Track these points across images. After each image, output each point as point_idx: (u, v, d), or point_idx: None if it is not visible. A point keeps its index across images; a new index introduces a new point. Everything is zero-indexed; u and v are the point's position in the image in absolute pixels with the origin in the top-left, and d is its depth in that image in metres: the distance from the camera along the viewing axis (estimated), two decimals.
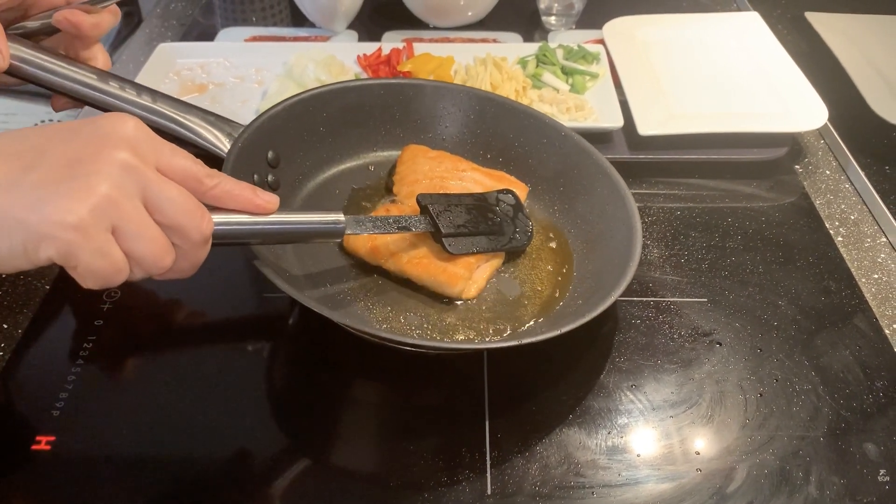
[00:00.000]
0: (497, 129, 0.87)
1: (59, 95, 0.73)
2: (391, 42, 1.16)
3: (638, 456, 0.65)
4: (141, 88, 0.74)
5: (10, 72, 0.70)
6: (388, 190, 0.86)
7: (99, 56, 0.75)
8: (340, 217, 0.64)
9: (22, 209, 0.45)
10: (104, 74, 0.73)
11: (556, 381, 0.71)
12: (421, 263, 0.73)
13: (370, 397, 0.70)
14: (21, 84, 0.73)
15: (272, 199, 0.57)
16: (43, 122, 1.60)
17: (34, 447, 0.65)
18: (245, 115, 1.00)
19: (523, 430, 0.67)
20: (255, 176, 0.75)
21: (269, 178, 0.78)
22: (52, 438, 0.65)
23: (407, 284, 0.76)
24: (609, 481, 0.63)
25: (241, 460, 0.65)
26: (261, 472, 0.64)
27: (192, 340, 0.76)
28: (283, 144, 0.80)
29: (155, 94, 0.74)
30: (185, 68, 1.09)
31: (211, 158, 0.66)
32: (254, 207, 0.56)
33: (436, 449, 0.65)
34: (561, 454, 0.65)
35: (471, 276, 0.74)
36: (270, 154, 0.78)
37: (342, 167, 0.87)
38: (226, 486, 0.63)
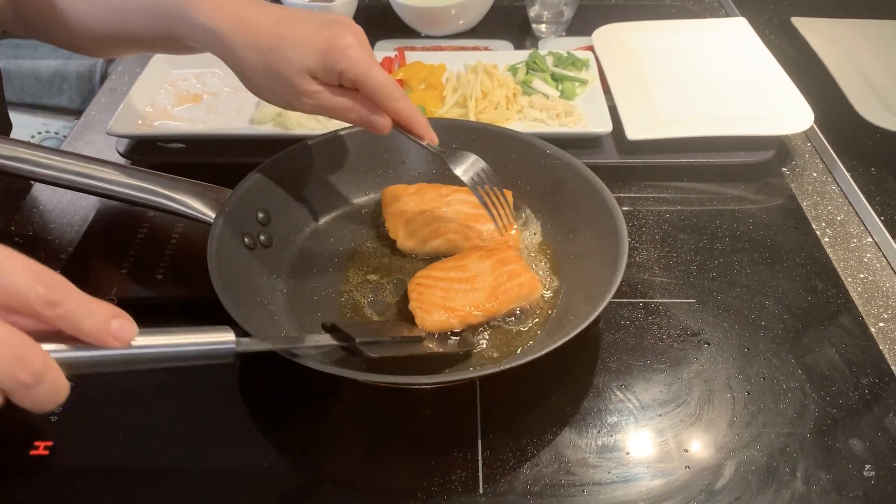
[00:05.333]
0: (483, 156, 0.87)
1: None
2: (383, 51, 1.17)
3: (628, 454, 0.66)
4: (130, 171, 0.77)
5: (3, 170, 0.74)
6: (383, 234, 0.85)
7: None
8: (229, 336, 0.53)
9: None
10: (93, 161, 0.76)
11: (546, 381, 0.72)
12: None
13: (361, 401, 0.71)
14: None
15: (126, 329, 0.46)
16: (39, 133, 1.61)
17: (32, 452, 0.66)
18: (240, 123, 1.02)
19: (514, 430, 0.68)
20: (246, 238, 0.76)
21: (262, 237, 0.79)
22: (50, 444, 0.66)
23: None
24: (599, 479, 0.64)
25: (233, 468, 0.66)
26: (255, 478, 0.65)
27: None
28: (272, 202, 0.81)
29: (144, 173, 0.77)
30: (180, 79, 1.10)
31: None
32: (98, 342, 0.45)
33: (428, 450, 0.66)
34: (552, 453, 0.66)
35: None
36: (261, 214, 0.79)
37: (335, 214, 0.88)
38: (219, 493, 0.64)
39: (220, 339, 0.52)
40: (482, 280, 0.74)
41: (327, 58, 0.67)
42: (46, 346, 0.44)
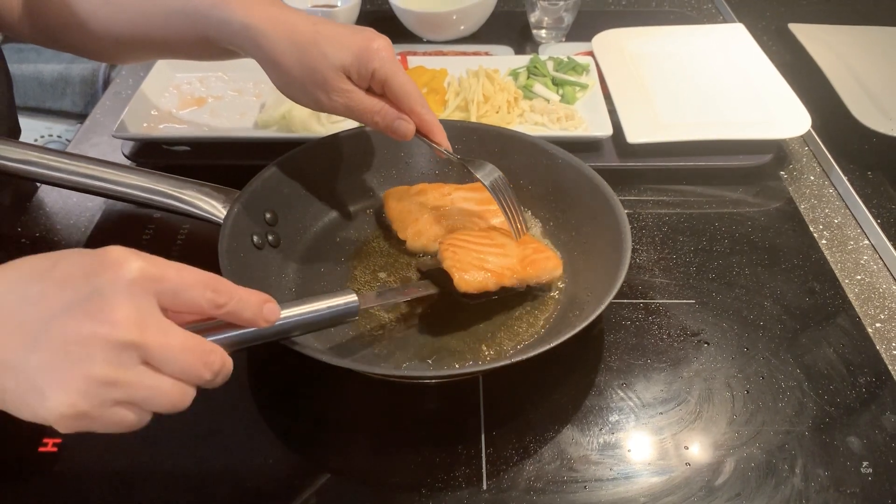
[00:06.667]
0: (484, 156, 0.88)
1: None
2: None
3: (629, 451, 0.67)
4: (137, 172, 0.78)
5: (13, 173, 0.75)
6: (388, 233, 0.86)
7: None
8: (353, 298, 0.63)
9: (29, 396, 0.46)
10: (102, 163, 0.77)
11: (549, 380, 0.73)
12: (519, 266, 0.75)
13: (366, 396, 0.72)
14: None
15: (274, 312, 0.55)
16: (42, 136, 1.62)
17: (41, 449, 0.66)
18: (245, 126, 1.03)
19: (517, 427, 0.69)
20: (255, 237, 0.77)
21: (270, 237, 0.80)
22: (58, 441, 0.67)
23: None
24: (601, 476, 0.65)
25: (240, 463, 0.66)
26: (261, 473, 0.66)
27: None
28: (279, 203, 0.82)
29: (151, 174, 0.78)
30: (184, 82, 1.11)
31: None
32: (256, 326, 0.54)
33: (432, 447, 0.67)
34: (554, 450, 0.67)
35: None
36: (268, 215, 0.80)
37: (341, 214, 0.89)
38: (225, 486, 0.65)
39: (346, 300, 0.62)
40: (510, 250, 0.76)
41: (363, 56, 0.70)
42: (213, 336, 0.54)
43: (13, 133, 0.99)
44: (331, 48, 0.70)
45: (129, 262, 0.47)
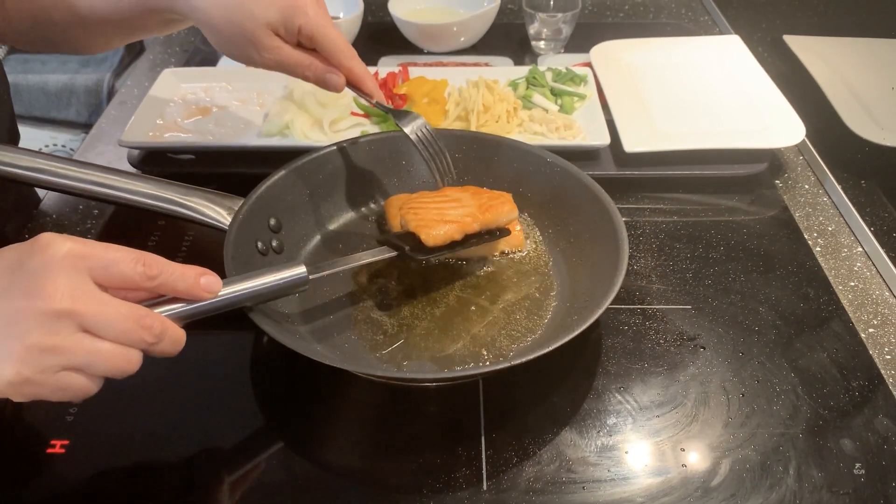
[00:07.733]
0: (484, 164, 0.91)
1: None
2: (387, 66, 1.20)
3: (626, 453, 0.68)
4: (144, 179, 0.79)
5: (21, 180, 0.77)
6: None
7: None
8: (301, 270, 0.66)
9: None
10: (108, 170, 0.79)
11: (547, 383, 0.74)
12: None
13: (368, 399, 0.73)
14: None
15: (213, 283, 0.59)
16: (47, 146, 1.64)
17: (49, 450, 0.68)
18: (248, 135, 1.04)
19: (517, 429, 0.70)
20: (259, 243, 0.79)
21: (274, 243, 0.81)
22: (66, 442, 0.68)
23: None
24: (599, 477, 0.66)
25: (243, 463, 0.68)
26: (264, 473, 0.67)
27: (203, 348, 0.78)
28: (283, 210, 0.84)
29: (158, 182, 0.79)
30: (189, 92, 1.13)
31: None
32: (194, 297, 0.58)
33: (433, 448, 0.68)
34: (553, 452, 0.68)
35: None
36: (272, 221, 0.82)
37: (343, 221, 0.91)
38: (228, 487, 0.66)
39: (294, 272, 0.66)
40: (466, 201, 0.79)
41: (287, 13, 0.74)
42: (161, 309, 0.57)
43: (12, 139, 1.01)
44: (257, 7, 0.74)
45: (57, 244, 0.51)
